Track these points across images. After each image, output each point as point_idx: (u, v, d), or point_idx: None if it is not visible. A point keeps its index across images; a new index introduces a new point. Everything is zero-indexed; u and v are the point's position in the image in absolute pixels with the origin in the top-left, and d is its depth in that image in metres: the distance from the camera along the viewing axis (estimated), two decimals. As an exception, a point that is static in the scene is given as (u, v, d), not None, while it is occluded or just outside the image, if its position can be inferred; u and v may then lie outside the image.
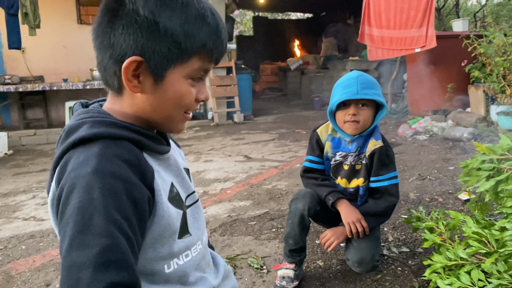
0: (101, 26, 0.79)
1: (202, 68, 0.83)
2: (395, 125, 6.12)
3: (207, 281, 0.94)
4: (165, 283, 0.85)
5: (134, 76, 0.79)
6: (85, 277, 0.63)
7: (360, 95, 1.78)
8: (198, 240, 0.93)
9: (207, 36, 0.81)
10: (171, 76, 0.81)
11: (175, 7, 0.78)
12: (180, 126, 0.89)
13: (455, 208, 2.78)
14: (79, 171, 0.71)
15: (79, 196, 0.68)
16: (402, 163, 4.04)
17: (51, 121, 7.51)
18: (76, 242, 0.66)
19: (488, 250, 1.45)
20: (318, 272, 2.09)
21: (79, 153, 0.74)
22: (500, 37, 4.61)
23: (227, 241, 2.50)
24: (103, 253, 0.65)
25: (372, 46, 6.42)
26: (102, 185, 0.69)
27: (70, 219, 0.68)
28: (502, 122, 4.69)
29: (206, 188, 3.61)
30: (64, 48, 7.66)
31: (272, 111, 9.00)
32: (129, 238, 0.70)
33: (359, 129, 1.86)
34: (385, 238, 2.41)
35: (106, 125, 0.78)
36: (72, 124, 0.80)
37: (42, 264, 2.33)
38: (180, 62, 0.80)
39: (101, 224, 0.67)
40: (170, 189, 0.85)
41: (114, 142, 0.76)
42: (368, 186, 1.93)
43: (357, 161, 1.92)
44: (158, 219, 0.80)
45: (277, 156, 4.77)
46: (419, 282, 1.92)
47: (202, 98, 0.87)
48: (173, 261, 0.85)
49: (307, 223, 1.89)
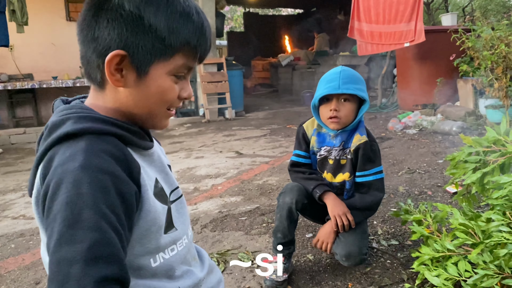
0: (85, 20, 0.80)
1: (185, 66, 0.84)
2: (385, 120, 6.16)
3: (194, 274, 0.95)
4: (152, 277, 0.85)
5: (117, 70, 0.79)
6: (75, 272, 0.62)
7: (341, 89, 1.79)
8: (183, 235, 0.94)
9: (191, 33, 0.81)
10: (154, 71, 0.81)
11: (160, 3, 0.78)
12: (163, 122, 0.89)
13: (444, 201, 2.81)
14: (66, 166, 0.70)
15: (67, 191, 0.68)
16: (391, 157, 4.07)
17: (41, 119, 7.45)
18: (65, 237, 0.65)
19: (475, 241, 1.47)
20: (308, 265, 2.10)
21: (64, 148, 0.74)
22: (488, 31, 4.64)
23: (218, 236, 2.50)
24: (93, 248, 0.64)
25: (362, 41, 6.44)
26: (91, 180, 0.69)
27: (58, 215, 0.67)
28: (490, 115, 4.74)
29: (197, 184, 3.61)
30: (53, 46, 7.59)
31: (263, 107, 9.00)
32: (118, 232, 0.69)
33: (341, 124, 1.87)
34: (374, 231, 2.43)
35: (91, 120, 0.78)
36: (55, 120, 0.79)
37: (32, 262, 2.32)
38: (164, 58, 0.81)
39: (90, 219, 0.66)
40: (155, 184, 0.85)
41: (100, 137, 0.76)
42: (353, 181, 1.94)
43: (342, 155, 1.93)
44: (145, 214, 0.80)
45: (268, 151, 4.78)
46: (408, 274, 1.95)
47: (185, 95, 0.87)
48: (159, 255, 0.86)
49: (295, 216, 1.90)
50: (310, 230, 2.50)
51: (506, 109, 4.55)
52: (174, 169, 4.11)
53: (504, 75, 4.50)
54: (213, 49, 7.55)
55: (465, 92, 5.52)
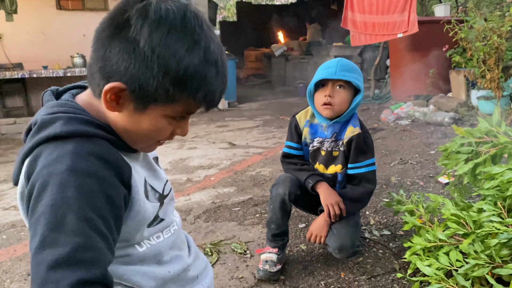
0: (103, 33, 0.75)
1: (186, 111, 0.80)
2: (377, 111, 6.17)
3: (183, 259, 0.95)
4: (142, 263, 0.86)
5: (113, 98, 0.75)
6: (54, 275, 0.63)
7: (337, 75, 1.79)
8: (171, 223, 0.95)
9: (201, 94, 0.76)
10: (151, 111, 0.77)
11: (178, 50, 0.72)
12: (149, 149, 0.87)
13: (436, 191, 2.83)
14: (53, 168, 0.69)
15: (52, 194, 0.67)
16: (384, 148, 4.09)
17: (32, 109, 7.36)
18: (47, 240, 0.65)
19: (466, 231, 1.48)
20: (301, 256, 2.11)
21: (51, 149, 0.73)
22: (481, 22, 4.65)
23: (211, 227, 2.50)
24: (74, 252, 0.65)
25: (355, 32, 6.42)
26: (77, 183, 0.68)
27: (42, 217, 0.67)
28: (482, 106, 4.77)
29: (190, 175, 3.60)
30: (43, 35, 7.48)
31: (256, 98, 8.98)
32: (105, 236, 0.69)
33: (334, 112, 1.86)
34: (366, 222, 2.44)
35: (82, 123, 0.76)
36: (45, 118, 0.77)
37: (24, 253, 2.31)
38: (164, 103, 0.76)
39: (74, 223, 0.66)
40: (144, 184, 0.85)
41: (89, 139, 0.75)
42: (345, 173, 1.95)
43: (335, 147, 1.93)
44: (134, 214, 0.80)
45: (261, 142, 4.78)
46: (400, 264, 1.96)
47: (178, 133, 0.84)
48: (144, 242, 0.87)
49: (288, 207, 1.91)
50: (303, 220, 2.51)
51: (497, 100, 4.58)
52: (167, 160, 4.10)
53: (496, 66, 4.52)
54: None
55: (457, 83, 5.54)
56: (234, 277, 1.94)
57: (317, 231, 1.89)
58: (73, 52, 6.63)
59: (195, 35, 0.74)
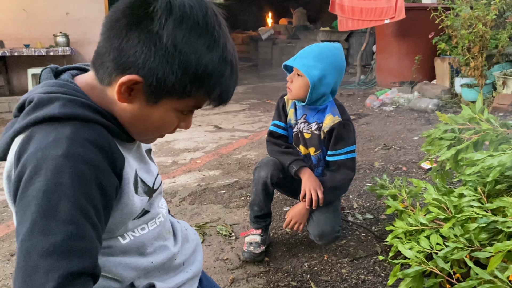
0: (118, 22, 0.73)
1: (196, 106, 0.81)
2: (363, 96, 6.21)
3: (167, 249, 0.94)
4: (124, 254, 0.84)
5: (127, 90, 0.75)
6: (44, 265, 0.61)
7: (294, 63, 1.86)
8: (157, 215, 0.93)
9: (216, 92, 0.78)
10: (163, 104, 0.77)
11: (199, 48, 0.73)
12: (150, 141, 0.88)
13: (418, 176, 2.88)
14: (48, 152, 0.67)
15: (46, 179, 0.65)
16: (368, 133, 4.13)
17: (13, 88, 7.19)
18: (38, 226, 0.63)
19: (447, 216, 1.52)
20: (285, 238, 2.14)
21: (47, 131, 0.70)
22: (467, 10, 4.68)
23: (196, 209, 2.51)
24: (67, 241, 0.63)
25: (343, 17, 6.41)
26: (72, 170, 0.66)
27: (33, 202, 0.65)
28: (465, 94, 4.83)
29: (175, 158, 3.59)
30: (24, 12, 7.27)
31: (242, 81, 8.92)
32: (95, 226, 0.68)
33: (292, 96, 1.92)
34: (350, 205, 2.48)
35: (80, 106, 0.74)
36: (43, 97, 0.74)
37: (6, 234, 2.29)
38: (178, 98, 0.77)
39: (67, 211, 0.64)
40: (134, 176, 0.84)
41: (86, 125, 0.73)
42: (321, 158, 1.97)
43: (307, 129, 1.95)
44: (121, 206, 0.79)
45: (247, 126, 4.78)
46: (382, 247, 2.01)
47: (182, 127, 0.86)
48: (127, 234, 0.85)
49: (271, 190, 1.93)
50: (288, 203, 2.53)
51: (480, 88, 4.65)
52: (152, 142, 4.07)
53: (480, 54, 4.58)
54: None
55: (442, 70, 5.59)
56: (219, 259, 1.96)
57: (297, 217, 1.89)
58: (56, 31, 6.48)
59: (215, 33, 0.74)
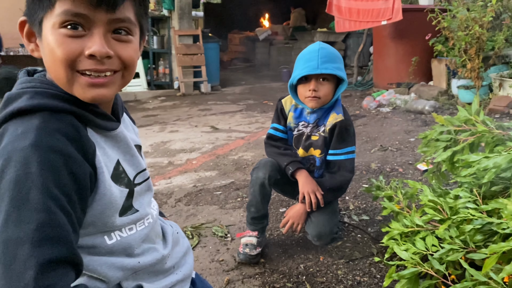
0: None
1: (71, 12, 0.72)
2: (359, 98, 6.21)
3: (156, 251, 0.93)
4: (109, 255, 0.83)
5: (28, 38, 0.80)
6: (21, 253, 0.62)
7: (320, 69, 1.78)
8: (146, 215, 0.91)
9: None
10: (45, 28, 0.75)
11: None
12: (80, 90, 0.76)
13: (414, 178, 2.88)
14: (17, 144, 0.68)
15: (16, 170, 0.66)
16: (365, 134, 4.13)
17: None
18: (12, 217, 0.64)
19: (442, 217, 1.52)
20: (281, 239, 2.13)
21: (16, 125, 0.71)
22: (463, 12, 4.69)
23: (192, 210, 2.51)
24: (40, 229, 0.64)
25: (340, 18, 6.41)
26: (41, 159, 0.67)
27: (5, 194, 0.66)
28: (462, 95, 4.84)
29: (171, 159, 3.58)
30: (20, 11, 7.24)
31: (240, 82, 8.92)
32: (68, 213, 0.68)
33: (320, 103, 1.87)
34: (346, 206, 2.48)
35: (47, 97, 0.74)
36: (12, 93, 0.76)
37: None
38: (48, 10, 0.74)
39: (38, 199, 0.65)
40: (115, 166, 0.82)
41: (55, 115, 0.73)
42: (324, 159, 1.96)
43: (315, 132, 1.94)
44: (99, 196, 0.78)
45: (244, 127, 4.77)
46: (377, 248, 2.00)
47: (89, 52, 0.73)
48: (114, 233, 0.84)
49: (268, 191, 1.92)
50: (284, 204, 2.53)
51: (477, 90, 4.66)
52: (148, 143, 4.06)
53: (477, 56, 4.59)
54: (189, 20, 7.35)
55: (439, 72, 5.61)
56: (215, 260, 1.96)
57: (295, 218, 1.89)
58: (52, 30, 6.46)
59: None
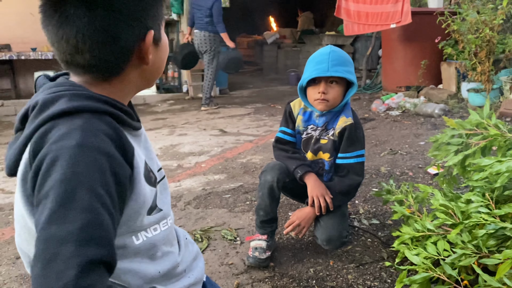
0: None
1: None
2: (368, 101, 6.19)
3: (174, 256, 0.94)
4: (135, 256, 0.84)
5: (149, 49, 0.84)
6: (64, 252, 0.61)
7: (330, 72, 1.77)
8: (168, 215, 0.93)
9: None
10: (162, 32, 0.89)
11: None
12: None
13: (425, 181, 2.86)
14: (63, 143, 0.68)
15: (62, 169, 0.66)
16: (374, 138, 4.11)
17: (20, 91, 7.24)
18: (56, 215, 0.64)
19: (454, 222, 1.51)
20: (291, 243, 2.12)
21: (60, 125, 0.72)
22: (473, 15, 4.66)
23: (201, 213, 2.51)
24: (85, 229, 0.64)
25: (349, 21, 6.40)
26: (88, 159, 0.68)
27: (51, 192, 0.65)
28: (472, 99, 4.81)
29: (180, 162, 3.59)
30: (31, 16, 7.32)
31: (248, 85, 8.93)
32: (111, 214, 0.69)
33: (329, 106, 1.86)
34: (356, 210, 2.46)
35: (86, 99, 0.75)
36: (47, 97, 0.76)
37: (12, 236, 2.29)
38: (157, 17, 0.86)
39: (84, 199, 0.65)
40: (145, 166, 0.84)
41: (96, 116, 0.74)
42: (334, 162, 1.95)
43: (324, 135, 1.94)
44: (135, 196, 0.79)
45: (252, 130, 4.77)
46: (388, 253, 1.99)
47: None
48: (141, 234, 0.85)
49: (277, 194, 1.91)
50: (293, 208, 2.52)
51: (487, 93, 4.62)
52: (157, 146, 4.08)
53: (487, 59, 4.55)
54: (198, 25, 7.36)
55: (448, 75, 5.57)
56: (224, 264, 1.95)
57: (301, 220, 1.88)
58: (63, 34, 6.51)
59: None
